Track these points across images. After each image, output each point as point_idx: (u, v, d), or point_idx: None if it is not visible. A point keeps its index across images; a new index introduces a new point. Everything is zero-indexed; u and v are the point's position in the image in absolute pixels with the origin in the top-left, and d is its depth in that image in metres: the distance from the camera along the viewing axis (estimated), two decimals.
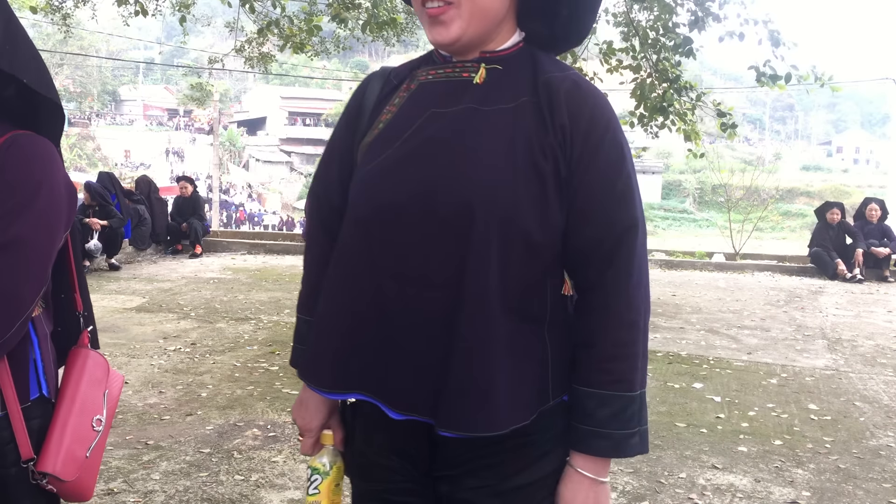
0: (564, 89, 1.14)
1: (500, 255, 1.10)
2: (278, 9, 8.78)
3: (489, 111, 1.15)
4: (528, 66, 1.19)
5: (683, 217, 54.10)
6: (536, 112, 1.14)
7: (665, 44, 7.32)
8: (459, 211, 1.09)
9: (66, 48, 41.11)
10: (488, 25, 1.16)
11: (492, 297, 1.11)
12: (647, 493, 3.09)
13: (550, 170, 1.11)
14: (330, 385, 1.20)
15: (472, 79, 1.18)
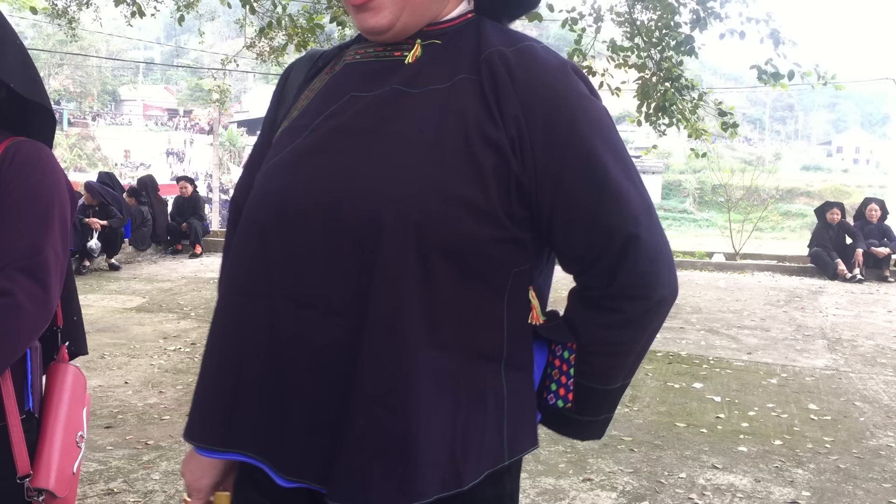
0: (511, 66, 0.90)
1: (421, 274, 0.86)
2: (279, 8, 8.78)
3: (417, 93, 0.92)
4: (473, 38, 0.96)
5: (683, 217, 54.10)
6: (477, 93, 0.90)
7: (668, 42, 7.33)
8: (366, 218, 0.87)
9: (66, 48, 41.13)
10: (427, 5, 0.96)
11: (409, 327, 0.87)
12: (647, 493, 3.09)
13: (493, 166, 0.88)
14: (209, 439, 0.96)
15: (404, 58, 0.96)
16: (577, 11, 7.70)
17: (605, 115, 0.94)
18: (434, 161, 0.87)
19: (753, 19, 6.82)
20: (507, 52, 0.92)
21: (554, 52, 0.96)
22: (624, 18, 7.68)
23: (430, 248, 0.86)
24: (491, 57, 0.92)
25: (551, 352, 1.02)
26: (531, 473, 3.26)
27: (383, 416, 0.87)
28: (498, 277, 0.92)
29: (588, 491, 3.10)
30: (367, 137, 0.91)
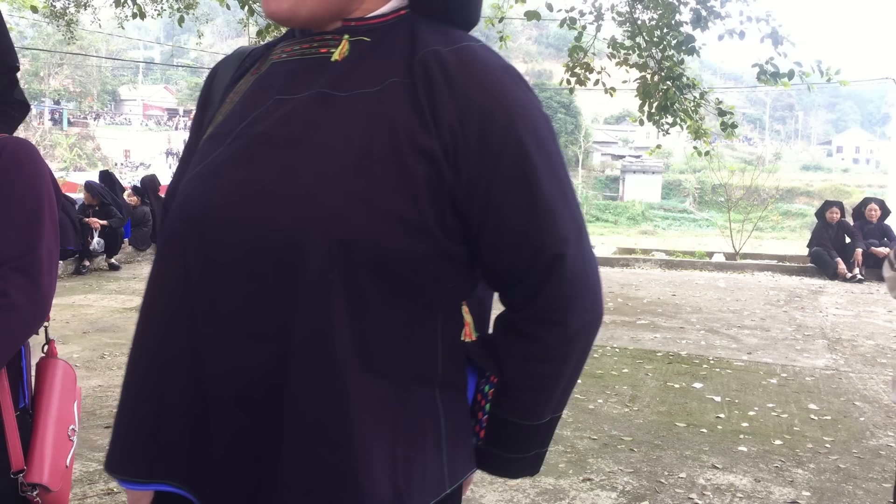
0: (448, 69, 0.84)
1: (348, 294, 0.81)
2: None
3: (344, 97, 0.86)
4: (406, 37, 0.89)
5: (683, 217, 54.15)
6: (410, 98, 0.84)
7: (669, 41, 7.33)
8: (288, 236, 0.81)
9: (66, 48, 41.12)
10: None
11: (338, 351, 0.81)
12: (647, 493, 3.09)
13: (425, 177, 0.82)
14: (131, 471, 0.90)
15: (331, 55, 0.89)
16: (576, 10, 7.71)
17: (543, 125, 0.89)
18: (361, 173, 0.81)
19: (753, 19, 6.83)
20: (444, 53, 0.85)
21: (495, 53, 0.90)
22: (625, 17, 7.68)
23: (357, 266, 0.81)
24: (426, 58, 0.85)
25: (477, 383, 0.98)
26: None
27: (318, 450, 0.81)
28: (432, 294, 0.87)
29: (588, 491, 3.10)
30: (290, 147, 0.85)
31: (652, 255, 11.57)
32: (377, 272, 0.82)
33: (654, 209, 55.02)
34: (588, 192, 57.11)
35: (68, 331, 5.88)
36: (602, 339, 5.89)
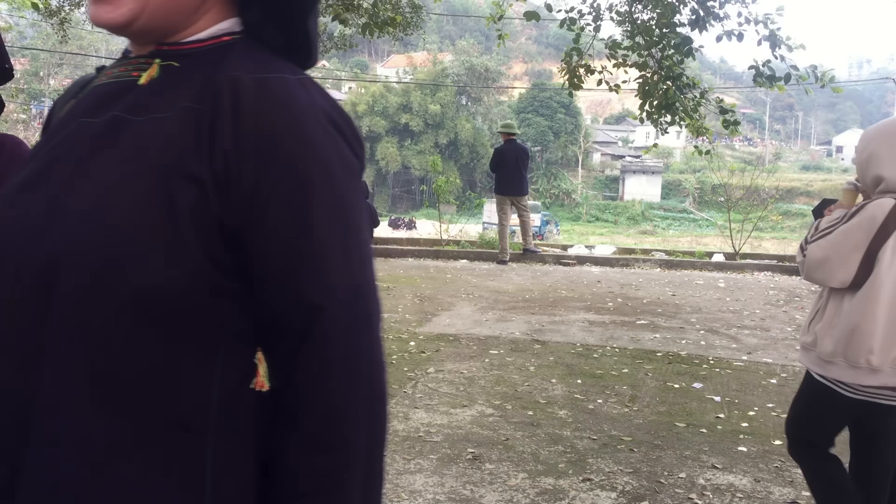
0: (240, 95, 0.80)
1: (98, 329, 0.76)
2: None
3: (138, 122, 0.82)
4: (216, 63, 0.85)
5: (683, 217, 54.18)
6: (194, 123, 0.80)
7: (668, 41, 7.34)
8: (43, 264, 0.78)
9: (65, 48, 41.12)
10: (177, 5, 0.86)
11: (75, 390, 0.76)
12: (647, 493, 3.09)
13: (191, 206, 0.77)
14: None
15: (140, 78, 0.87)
16: (576, 10, 7.71)
17: (340, 170, 0.83)
18: (122, 200, 0.77)
19: (752, 20, 6.83)
20: (243, 79, 0.81)
21: (315, 90, 0.86)
22: (624, 17, 7.69)
23: (111, 300, 0.76)
24: (220, 83, 0.81)
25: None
26: (531, 473, 3.26)
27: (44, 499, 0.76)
28: (205, 335, 0.79)
29: (588, 491, 3.10)
30: (69, 171, 0.81)
31: (652, 255, 11.57)
32: (134, 307, 0.77)
33: (653, 209, 55.05)
34: (588, 192, 57.12)
35: None
36: (602, 339, 5.89)
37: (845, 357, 2.24)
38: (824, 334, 2.32)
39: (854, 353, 2.21)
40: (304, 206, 0.79)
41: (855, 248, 2.23)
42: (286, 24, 0.90)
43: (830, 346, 2.28)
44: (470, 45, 63.63)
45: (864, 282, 2.23)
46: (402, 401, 4.25)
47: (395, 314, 6.69)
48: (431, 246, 11.67)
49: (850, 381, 2.25)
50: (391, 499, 2.99)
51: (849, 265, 2.23)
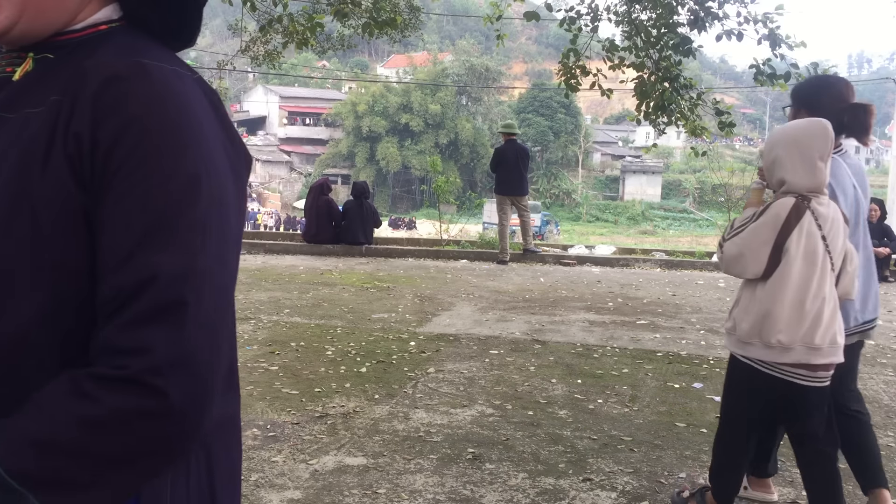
0: (103, 81, 0.80)
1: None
2: (279, 6, 8.79)
3: (13, 119, 0.83)
4: (88, 53, 0.85)
5: (683, 217, 54.18)
6: (54, 114, 0.81)
7: (667, 42, 7.33)
8: None
9: None
10: (55, 8, 0.85)
11: None
12: (647, 493, 3.09)
13: (53, 195, 0.80)
14: None
15: (14, 73, 0.87)
16: (575, 10, 7.70)
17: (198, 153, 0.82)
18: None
19: (751, 20, 6.82)
20: (104, 66, 0.81)
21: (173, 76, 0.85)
22: (622, 18, 7.68)
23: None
24: (85, 71, 0.81)
25: None
26: (531, 473, 3.26)
27: None
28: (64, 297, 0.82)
29: (588, 491, 3.10)
30: None
31: (652, 255, 11.56)
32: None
33: (654, 209, 55.05)
34: (588, 192, 57.12)
35: None
36: (602, 338, 5.89)
37: (760, 338, 2.54)
38: (741, 319, 2.61)
39: (767, 334, 2.51)
40: (149, 182, 0.79)
41: (764, 243, 2.54)
42: (163, 8, 0.90)
43: (747, 329, 2.58)
44: (470, 45, 63.67)
45: (773, 272, 2.53)
46: (402, 401, 4.25)
47: (395, 314, 6.69)
48: (431, 246, 11.67)
49: (766, 359, 2.54)
50: (391, 499, 2.99)
51: (760, 258, 2.54)
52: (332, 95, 64.20)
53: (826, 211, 2.55)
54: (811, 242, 2.51)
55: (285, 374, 4.75)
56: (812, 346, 2.49)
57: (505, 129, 10.70)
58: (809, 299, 2.50)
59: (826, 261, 2.53)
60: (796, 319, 2.49)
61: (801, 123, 2.65)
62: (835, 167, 2.71)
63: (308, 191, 12.42)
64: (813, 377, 2.53)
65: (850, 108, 2.87)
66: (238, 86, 70.08)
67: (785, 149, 2.58)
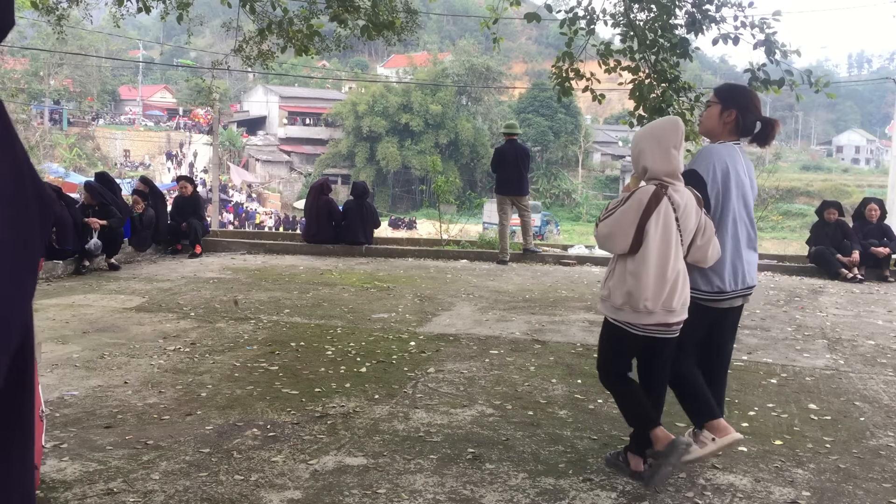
0: None
1: None
2: (278, 9, 8.78)
3: None
4: None
5: None
6: None
7: (663, 44, 7.32)
8: None
9: (65, 48, 41.08)
10: None
11: None
12: (647, 493, 3.09)
13: None
14: None
15: None
16: (573, 12, 7.69)
17: None
18: None
19: (748, 24, 6.81)
20: None
21: None
22: (618, 20, 7.67)
23: None
24: None
25: None
26: (531, 473, 3.26)
27: None
28: None
29: (588, 491, 3.10)
30: None
31: None
32: None
33: None
34: (588, 192, 57.08)
35: (68, 331, 5.87)
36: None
37: (630, 304, 3.06)
38: (615, 288, 3.12)
39: (635, 301, 3.03)
40: None
41: (630, 224, 3.04)
42: None
43: (620, 298, 3.09)
44: (470, 45, 63.61)
45: (638, 249, 3.04)
46: (402, 401, 4.25)
47: (395, 314, 6.69)
48: (431, 246, 11.67)
49: (634, 321, 3.08)
50: (391, 499, 2.99)
51: (627, 237, 3.05)
52: (332, 95, 64.19)
53: (680, 198, 3.08)
54: (667, 224, 3.03)
55: (285, 374, 4.75)
56: (670, 308, 3.05)
57: (507, 129, 10.69)
58: (668, 271, 3.02)
59: (678, 239, 3.07)
60: (658, 288, 3.02)
61: (658, 121, 3.28)
62: (734, 153, 3.39)
63: (308, 191, 12.42)
64: (668, 332, 3.11)
65: (765, 119, 3.42)
66: (238, 86, 70.04)
67: (647, 142, 3.13)
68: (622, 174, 58.76)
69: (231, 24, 10.07)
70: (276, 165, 57.35)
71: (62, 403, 4.13)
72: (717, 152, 3.35)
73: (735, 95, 3.46)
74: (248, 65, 10.14)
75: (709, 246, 3.15)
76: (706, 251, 3.15)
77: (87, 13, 10.49)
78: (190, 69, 58.66)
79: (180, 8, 9.05)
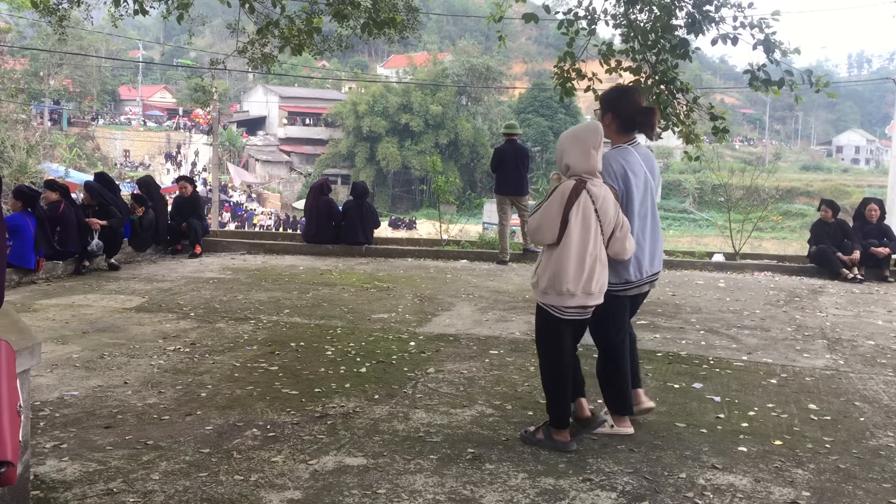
0: None
1: None
2: (278, 8, 8.78)
3: None
4: None
5: (683, 217, 54.14)
6: None
7: (664, 45, 7.31)
8: None
9: (65, 48, 41.06)
10: None
11: None
12: (647, 493, 3.09)
13: None
14: None
15: None
16: (573, 13, 7.69)
17: None
18: None
19: (747, 24, 6.80)
20: None
21: None
22: (619, 21, 7.67)
23: None
24: None
25: None
26: (531, 473, 3.26)
27: None
28: None
29: (588, 491, 3.10)
30: None
31: None
32: None
33: None
34: None
35: (68, 331, 5.87)
36: None
37: (554, 288, 3.46)
38: (541, 274, 3.50)
39: (558, 284, 3.43)
40: None
41: (555, 215, 3.42)
42: None
43: (545, 283, 3.48)
44: (470, 45, 63.62)
45: (562, 239, 3.41)
46: (402, 401, 4.25)
47: (395, 314, 6.69)
48: (431, 246, 11.66)
49: (557, 304, 3.49)
50: (391, 499, 2.99)
51: (553, 229, 3.43)
52: (332, 95, 64.19)
53: (598, 191, 3.44)
54: (587, 214, 3.40)
55: (285, 374, 4.75)
56: (589, 292, 3.45)
57: (507, 129, 10.69)
58: (587, 258, 3.40)
59: (598, 228, 3.43)
60: (578, 273, 3.40)
61: (581, 125, 3.62)
62: (628, 154, 3.71)
63: (308, 191, 12.42)
64: (585, 313, 3.55)
65: (642, 110, 3.72)
66: (238, 86, 70.04)
67: (570, 142, 3.50)
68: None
69: (234, 25, 10.07)
70: (275, 165, 57.34)
71: (62, 403, 4.13)
72: (613, 157, 3.70)
73: (608, 100, 3.83)
74: (253, 66, 10.13)
75: (626, 239, 3.54)
76: (624, 243, 3.54)
77: (88, 14, 10.48)
78: (190, 69, 58.59)
79: (181, 8, 9.04)
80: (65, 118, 55.58)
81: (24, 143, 29.13)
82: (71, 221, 8.81)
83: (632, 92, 3.88)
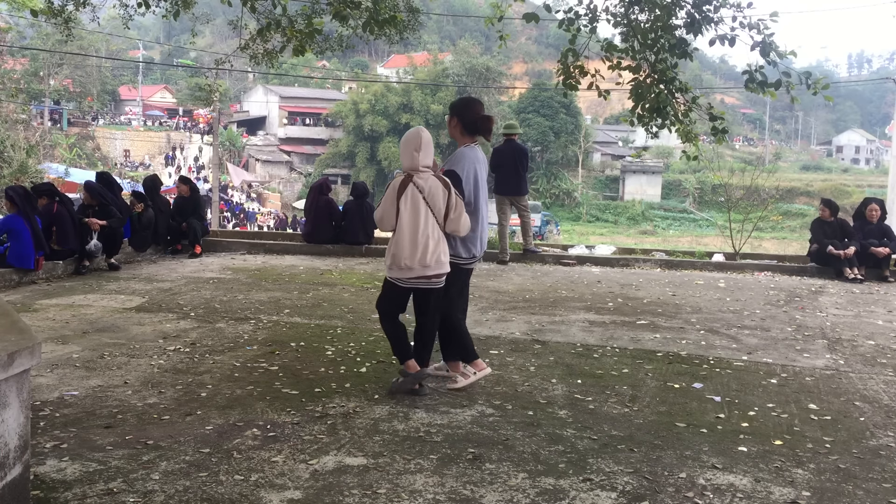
0: None
1: None
2: (279, 8, 8.78)
3: None
4: None
5: (683, 217, 54.14)
6: None
7: (664, 44, 7.31)
8: None
9: (65, 48, 41.06)
10: None
11: None
12: (647, 493, 3.09)
13: None
14: None
15: None
16: (573, 11, 7.69)
17: None
18: None
19: (745, 25, 6.80)
20: None
21: None
22: (618, 20, 7.67)
23: None
24: None
25: None
26: (531, 473, 3.26)
27: None
28: None
29: (588, 491, 3.10)
30: None
31: (652, 255, 11.56)
32: None
33: (654, 209, 54.99)
34: (588, 192, 57.08)
35: (68, 331, 5.88)
36: (602, 339, 5.89)
37: (395, 264, 4.21)
38: (388, 253, 4.24)
39: (398, 260, 4.18)
40: None
41: (391, 205, 4.20)
42: None
43: (390, 260, 4.23)
44: (470, 45, 63.58)
45: (397, 224, 4.17)
46: (402, 401, 4.25)
47: None
48: None
49: (399, 276, 4.24)
50: (391, 499, 2.99)
51: (391, 217, 4.21)
52: (332, 95, 64.19)
53: (424, 183, 4.18)
54: (415, 202, 4.16)
55: (285, 374, 4.75)
56: (425, 265, 4.16)
57: (506, 129, 10.69)
58: (419, 237, 4.13)
59: (427, 213, 4.16)
60: (413, 251, 4.14)
61: (409, 131, 4.30)
62: (476, 152, 4.59)
63: (308, 191, 12.41)
64: (429, 283, 4.26)
65: (482, 118, 4.56)
66: (238, 86, 70.03)
67: (401, 146, 4.24)
68: (622, 174, 58.77)
69: (237, 23, 10.08)
70: (276, 165, 57.33)
71: (62, 403, 4.13)
72: (466, 155, 4.51)
73: (455, 106, 4.69)
74: (255, 62, 10.12)
75: (460, 219, 4.24)
76: (458, 223, 4.25)
77: (95, 15, 10.49)
78: (190, 69, 58.60)
79: (183, 7, 9.05)
80: (65, 118, 55.56)
81: (25, 143, 29.11)
82: (66, 219, 8.80)
83: (475, 102, 4.74)
